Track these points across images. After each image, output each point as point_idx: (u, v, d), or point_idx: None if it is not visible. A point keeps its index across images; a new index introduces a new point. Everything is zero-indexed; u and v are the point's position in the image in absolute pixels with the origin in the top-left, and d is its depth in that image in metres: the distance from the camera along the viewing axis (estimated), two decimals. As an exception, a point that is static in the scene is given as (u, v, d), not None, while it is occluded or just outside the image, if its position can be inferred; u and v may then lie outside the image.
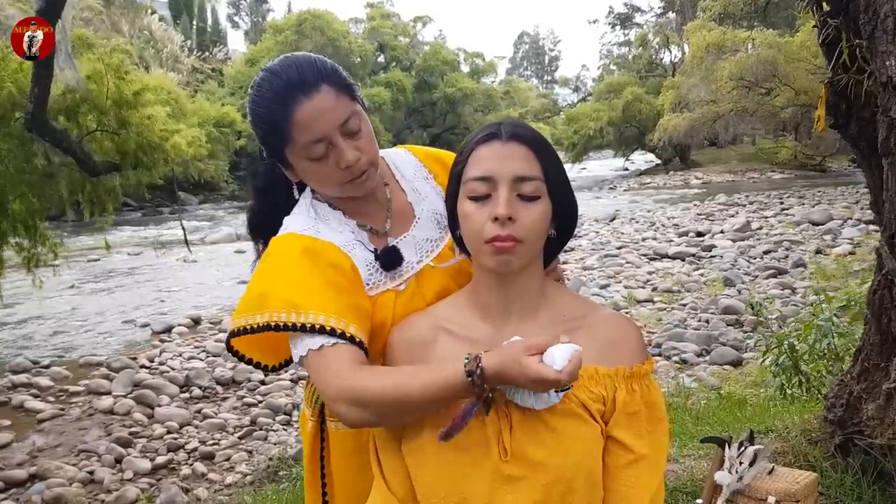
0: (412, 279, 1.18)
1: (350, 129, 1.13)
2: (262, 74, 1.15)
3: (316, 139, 1.10)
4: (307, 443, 1.30)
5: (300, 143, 1.11)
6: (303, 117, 1.09)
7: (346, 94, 1.14)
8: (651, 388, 1.05)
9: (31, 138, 5.80)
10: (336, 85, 1.13)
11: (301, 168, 1.16)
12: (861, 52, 1.94)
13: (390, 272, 1.17)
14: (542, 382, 0.90)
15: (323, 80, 1.11)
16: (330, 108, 1.10)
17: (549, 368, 0.90)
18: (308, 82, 1.10)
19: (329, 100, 1.11)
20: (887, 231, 1.97)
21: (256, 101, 1.14)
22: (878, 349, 2.12)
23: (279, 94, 1.10)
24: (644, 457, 1.02)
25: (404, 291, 1.17)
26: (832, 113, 2.18)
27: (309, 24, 27.69)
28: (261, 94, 1.13)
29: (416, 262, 1.20)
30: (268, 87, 1.12)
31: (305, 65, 1.12)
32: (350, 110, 1.13)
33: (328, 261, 1.11)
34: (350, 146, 1.12)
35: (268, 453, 5.13)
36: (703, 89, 21.33)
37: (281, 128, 1.11)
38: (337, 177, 1.14)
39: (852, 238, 11.53)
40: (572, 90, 49.29)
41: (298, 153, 1.13)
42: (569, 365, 0.90)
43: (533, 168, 1.02)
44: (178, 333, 8.16)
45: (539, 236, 1.03)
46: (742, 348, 6.67)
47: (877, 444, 2.11)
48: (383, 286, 1.16)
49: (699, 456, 2.56)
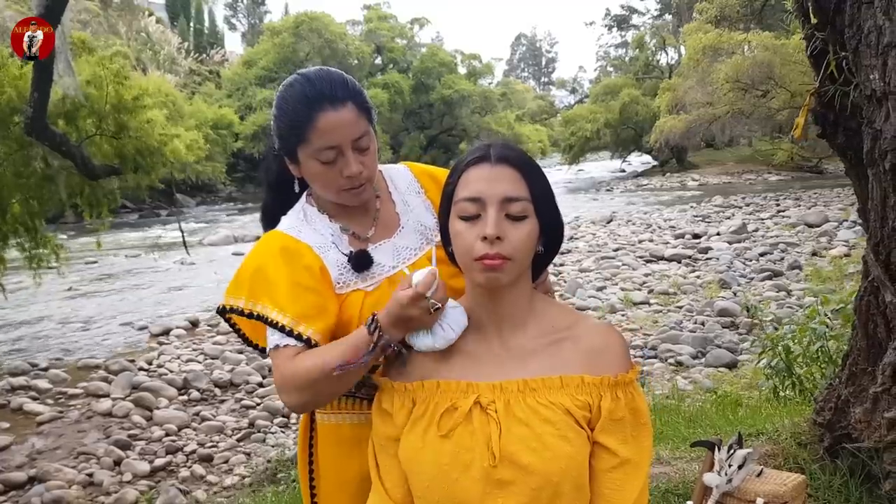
0: (384, 281, 1.28)
1: (361, 145, 1.25)
2: (297, 77, 1.27)
3: (330, 146, 1.22)
4: (300, 433, 1.42)
5: (315, 145, 1.23)
6: (325, 124, 1.21)
7: (365, 116, 1.26)
8: (635, 395, 1.10)
9: (31, 142, 5.83)
10: (359, 105, 1.25)
11: (308, 167, 1.27)
12: (847, 64, 1.99)
13: (360, 273, 1.27)
14: (410, 302, 1.07)
15: (350, 98, 1.24)
16: (350, 123, 1.23)
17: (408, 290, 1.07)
18: (337, 96, 1.22)
19: (351, 116, 1.23)
20: (873, 239, 2.01)
21: (286, 98, 1.25)
22: (865, 354, 2.17)
23: (309, 97, 1.22)
24: (628, 460, 1.07)
25: (373, 292, 1.27)
26: (820, 123, 2.23)
27: (306, 25, 27.72)
28: (291, 94, 1.25)
29: (391, 266, 1.30)
30: (300, 88, 1.24)
31: (338, 81, 1.25)
32: (365, 129, 1.25)
33: (301, 262, 1.24)
34: (357, 159, 1.24)
35: (266, 455, 5.15)
36: (700, 91, 21.39)
37: (302, 128, 1.22)
38: (338, 183, 1.25)
39: (848, 240, 11.58)
40: (569, 92, 49.30)
41: (310, 154, 1.24)
42: (422, 278, 1.06)
43: (520, 189, 1.08)
44: (176, 336, 8.18)
45: (526, 254, 1.09)
46: (737, 351, 6.71)
47: (864, 447, 2.15)
48: (353, 286, 1.27)
49: (691, 458, 2.60)
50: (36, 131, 5.61)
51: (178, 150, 7.28)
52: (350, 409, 1.32)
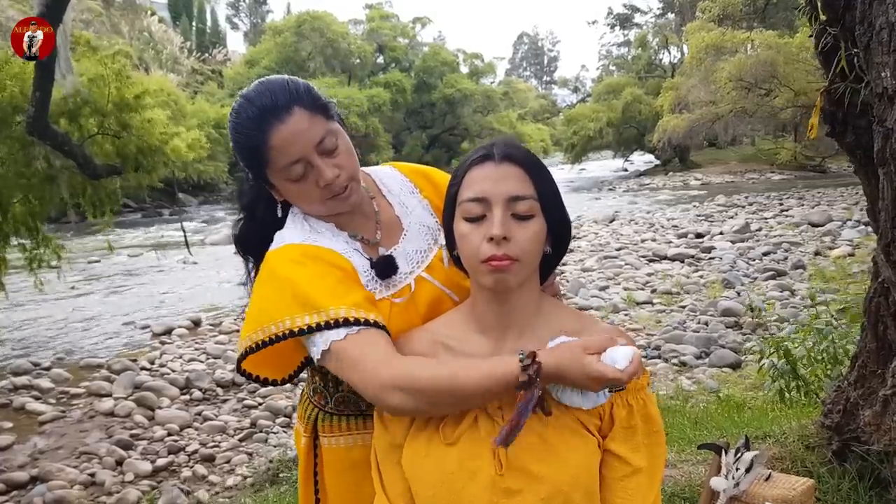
0: (408, 292, 1.20)
1: (326, 147, 1.15)
2: (239, 101, 1.18)
3: (293, 160, 1.13)
4: (301, 459, 1.32)
5: (279, 165, 1.14)
6: (278, 141, 1.12)
7: (321, 114, 1.16)
8: (647, 402, 1.07)
9: (33, 141, 5.82)
10: (309, 106, 1.15)
11: (284, 189, 1.19)
12: (858, 61, 1.96)
13: (385, 280, 1.19)
14: (602, 381, 0.94)
15: (295, 103, 1.13)
16: (304, 129, 1.13)
17: (610, 367, 0.93)
18: (280, 107, 1.12)
19: (302, 122, 1.13)
20: (883, 240, 1.99)
21: (235, 128, 1.17)
22: (874, 356, 2.14)
23: (254, 119, 1.13)
24: (641, 469, 1.04)
25: (400, 303, 1.19)
26: (829, 121, 2.20)
27: (308, 25, 27.74)
28: (239, 121, 1.16)
29: (408, 272, 1.23)
30: (244, 113, 1.15)
31: (278, 89, 1.14)
32: (325, 130, 1.15)
33: (332, 262, 1.14)
34: (328, 164, 1.15)
35: (268, 456, 5.13)
36: (703, 90, 21.37)
37: (260, 152, 1.14)
38: (318, 195, 1.17)
39: (851, 240, 11.54)
40: (571, 91, 49.20)
41: (279, 175, 1.16)
42: (630, 365, 0.94)
43: (526, 187, 1.04)
44: (178, 335, 8.16)
45: (534, 254, 1.05)
46: (741, 351, 6.68)
47: (873, 451, 2.13)
48: (379, 294, 1.18)
49: (697, 461, 2.57)
50: (37, 131, 5.60)
51: (179, 148, 7.26)
52: (362, 430, 1.23)
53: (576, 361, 0.95)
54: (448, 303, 1.22)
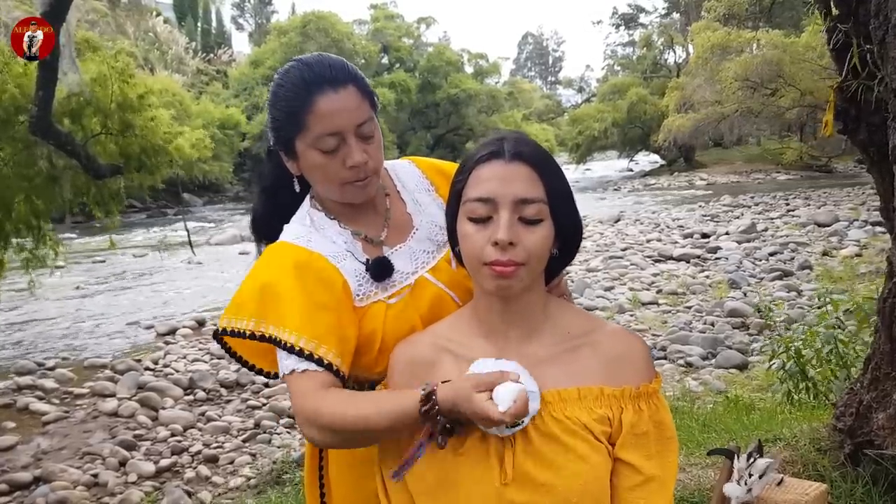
0: (406, 293, 1.18)
1: (364, 132, 1.15)
2: (294, 63, 1.17)
3: (331, 132, 1.12)
4: (307, 455, 1.32)
5: (314, 132, 1.12)
6: (325, 108, 1.11)
7: (368, 101, 1.17)
8: (659, 407, 1.03)
9: (36, 141, 5.81)
10: (362, 90, 1.16)
11: (307, 159, 1.16)
12: (871, 57, 1.92)
13: (381, 283, 1.17)
14: (488, 420, 0.91)
15: (352, 81, 1.15)
16: (353, 107, 1.14)
17: (493, 408, 0.90)
18: (338, 79, 1.13)
19: (354, 99, 1.14)
20: (898, 239, 1.94)
21: (282, 84, 1.16)
22: (888, 358, 2.10)
23: (307, 81, 1.13)
24: (653, 478, 0.99)
25: (395, 304, 1.17)
26: (841, 118, 2.16)
27: (313, 25, 27.73)
28: (288, 79, 1.15)
29: (410, 272, 1.20)
30: (297, 73, 1.15)
31: (338, 64, 1.16)
32: (368, 115, 1.16)
33: (317, 276, 1.13)
34: (360, 148, 1.14)
35: (272, 456, 5.11)
36: (708, 90, 21.30)
37: (299, 114, 1.13)
38: (341, 175, 1.15)
39: (858, 240, 11.47)
40: (576, 91, 49.10)
41: (310, 143, 1.14)
42: (512, 406, 0.90)
43: (536, 190, 0.99)
44: (182, 335, 8.15)
45: (541, 259, 1.01)
46: (748, 352, 6.63)
47: (888, 454, 2.08)
48: (374, 297, 1.16)
49: (706, 465, 2.53)
50: (41, 130, 5.60)
51: (183, 147, 7.25)
52: None
53: (466, 399, 0.93)
54: (451, 305, 1.19)
